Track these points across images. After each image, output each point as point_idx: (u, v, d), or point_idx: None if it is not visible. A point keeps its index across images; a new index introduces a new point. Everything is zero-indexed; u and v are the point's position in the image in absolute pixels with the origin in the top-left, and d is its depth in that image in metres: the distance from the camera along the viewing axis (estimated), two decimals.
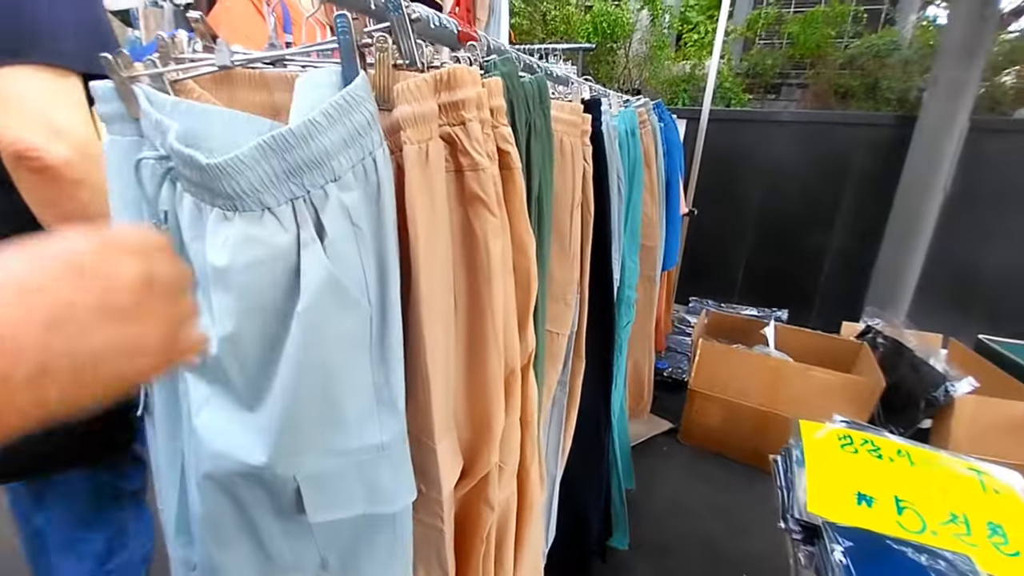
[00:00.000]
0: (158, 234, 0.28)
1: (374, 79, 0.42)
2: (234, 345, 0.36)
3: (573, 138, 0.80)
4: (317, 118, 0.32)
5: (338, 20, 0.38)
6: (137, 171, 0.40)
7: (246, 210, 0.33)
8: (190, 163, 0.33)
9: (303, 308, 0.34)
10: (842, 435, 1.21)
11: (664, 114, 1.71)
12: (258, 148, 0.32)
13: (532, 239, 0.56)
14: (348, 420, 0.38)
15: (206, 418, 0.38)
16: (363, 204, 0.35)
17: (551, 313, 0.88)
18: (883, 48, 2.73)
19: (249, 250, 0.33)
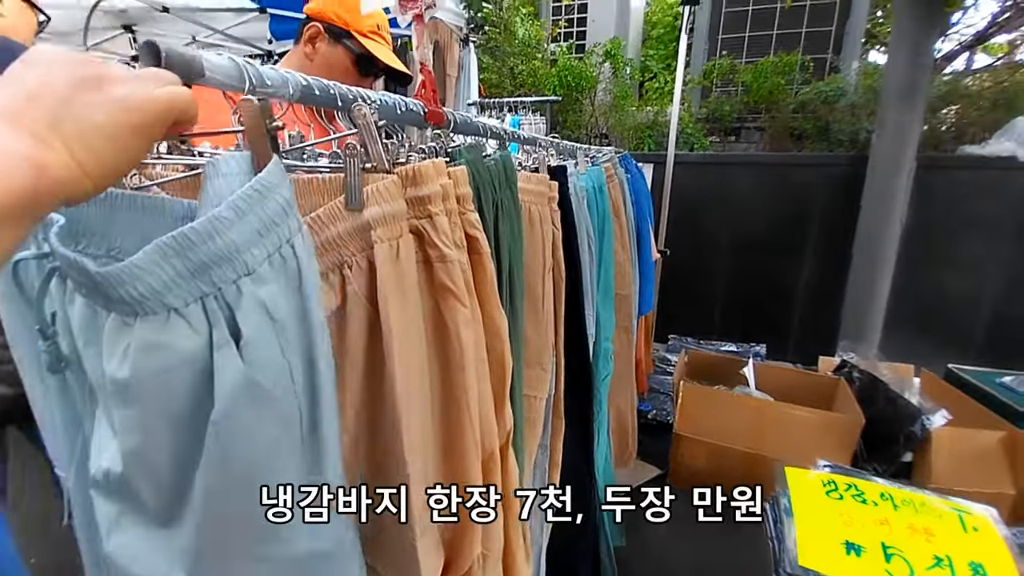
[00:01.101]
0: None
1: (344, 181, 0.43)
2: (141, 460, 0.33)
3: (541, 207, 0.82)
4: (223, 213, 0.30)
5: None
6: (15, 274, 0.37)
7: (148, 314, 0.30)
8: (76, 268, 0.30)
9: (217, 416, 0.31)
10: (826, 480, 1.21)
11: (630, 165, 1.78)
12: (157, 250, 0.29)
13: (504, 321, 0.57)
14: (278, 529, 0.36)
15: (118, 542, 0.35)
16: (283, 295, 0.33)
17: (528, 379, 0.87)
18: (830, 94, 2.91)
19: (154, 359, 0.30)
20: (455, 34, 3.14)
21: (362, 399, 0.45)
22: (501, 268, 0.65)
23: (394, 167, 0.47)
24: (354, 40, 1.11)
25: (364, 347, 0.44)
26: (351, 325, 0.44)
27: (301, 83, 0.48)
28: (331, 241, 0.43)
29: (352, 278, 0.43)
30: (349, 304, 0.44)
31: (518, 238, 0.72)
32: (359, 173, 0.42)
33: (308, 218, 0.44)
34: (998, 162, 2.44)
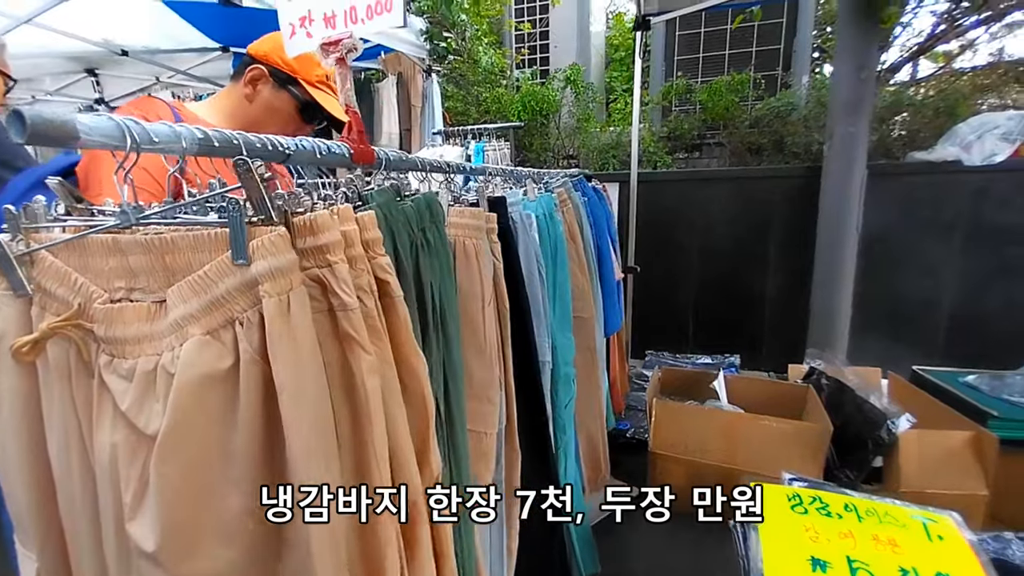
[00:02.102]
0: None
1: (229, 236, 0.42)
2: None
3: (477, 240, 0.82)
4: None
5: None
6: None
7: None
8: None
9: None
10: (791, 495, 1.20)
11: (587, 189, 1.80)
12: None
13: (422, 363, 0.56)
14: None
15: None
16: None
17: (476, 414, 0.86)
18: (782, 109, 3.02)
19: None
20: (417, 66, 3.20)
21: (262, 459, 0.44)
22: (425, 307, 0.64)
23: (293, 216, 0.46)
24: (300, 88, 1.10)
25: (260, 406, 0.43)
26: (245, 384, 0.42)
27: (197, 136, 0.48)
28: (220, 298, 0.42)
29: (243, 335, 0.42)
30: (242, 363, 0.42)
31: (447, 275, 0.71)
32: (243, 227, 0.41)
33: (196, 275, 0.43)
34: (945, 166, 2.53)
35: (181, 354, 0.42)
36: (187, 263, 0.43)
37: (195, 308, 0.42)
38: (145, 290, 0.45)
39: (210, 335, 0.43)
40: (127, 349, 0.44)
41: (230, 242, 0.41)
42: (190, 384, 0.41)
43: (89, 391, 0.46)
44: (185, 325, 0.43)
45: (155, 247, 0.43)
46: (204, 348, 0.42)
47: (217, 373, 0.42)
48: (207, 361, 0.42)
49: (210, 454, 0.43)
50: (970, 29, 3.50)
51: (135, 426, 0.44)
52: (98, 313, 0.43)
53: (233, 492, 0.44)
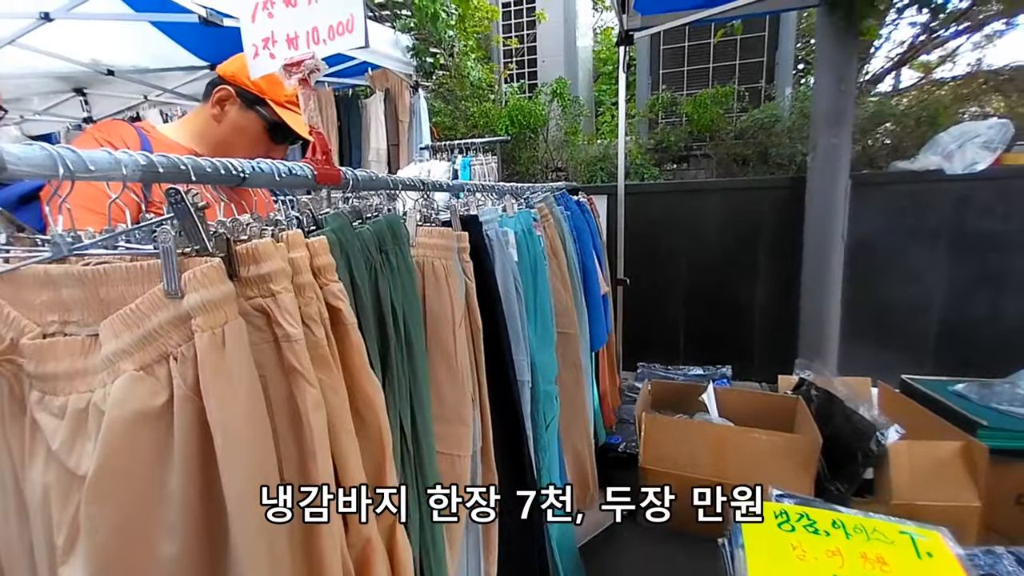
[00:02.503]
0: None
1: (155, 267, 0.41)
2: None
3: (445, 260, 0.81)
4: None
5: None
6: None
7: None
8: None
9: None
10: (778, 512, 1.18)
11: (570, 203, 1.80)
12: None
13: (377, 391, 0.54)
14: None
15: None
16: None
17: (449, 437, 0.84)
18: (765, 120, 3.05)
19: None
20: (404, 82, 3.21)
21: (200, 502, 0.42)
22: (387, 331, 0.63)
23: (236, 244, 0.45)
24: (268, 108, 1.10)
25: (196, 446, 0.41)
26: (180, 421, 0.41)
27: (140, 163, 0.46)
28: (153, 332, 0.41)
29: (177, 371, 0.41)
30: (176, 399, 0.41)
31: (412, 297, 0.70)
32: (175, 258, 0.40)
33: (129, 308, 0.41)
34: (927, 175, 2.55)
35: (112, 390, 0.40)
36: (121, 296, 0.42)
37: (127, 343, 0.41)
38: (79, 324, 0.43)
39: (143, 371, 0.41)
40: (59, 386, 0.42)
41: (162, 274, 0.40)
42: (121, 422, 0.40)
43: (22, 429, 0.44)
44: (117, 360, 0.41)
45: (88, 279, 0.42)
46: (136, 384, 0.40)
47: (150, 410, 0.40)
48: (139, 398, 0.40)
49: (143, 496, 0.41)
50: (949, 40, 3.57)
51: (67, 467, 0.42)
52: (28, 348, 0.42)
53: (168, 537, 0.42)
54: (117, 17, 2.63)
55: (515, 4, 4.50)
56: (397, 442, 0.65)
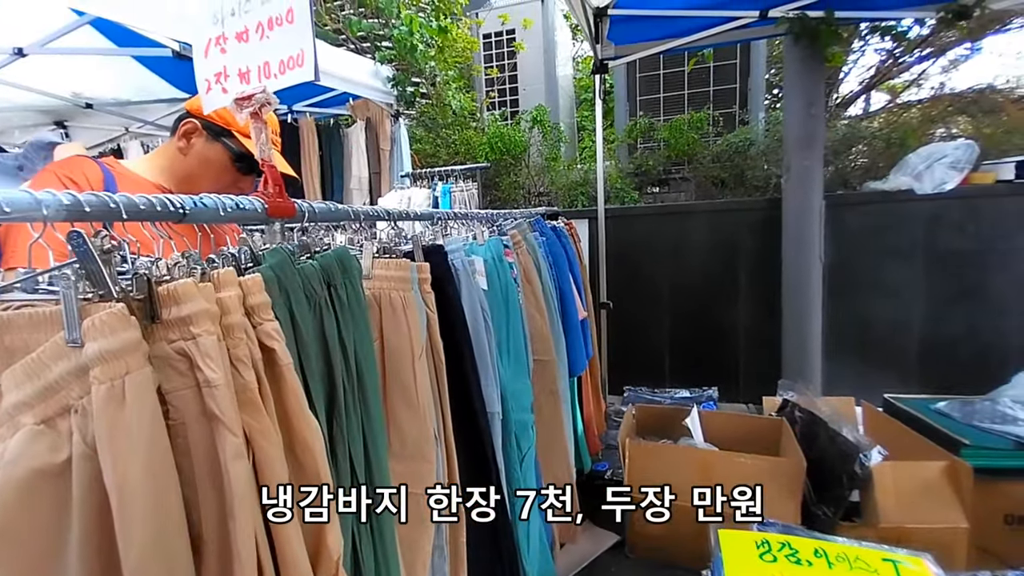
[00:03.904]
0: None
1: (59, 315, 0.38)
2: None
3: (404, 292, 0.79)
4: None
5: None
6: None
7: None
8: None
9: None
10: (759, 541, 1.15)
11: (545, 228, 1.80)
12: None
13: (315, 433, 0.51)
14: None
15: None
16: None
17: (409, 475, 0.80)
18: (740, 144, 3.11)
19: None
20: (385, 111, 3.25)
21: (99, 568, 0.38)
22: (333, 369, 0.60)
23: (156, 286, 0.43)
24: (234, 139, 1.09)
25: (95, 508, 0.38)
26: (78, 480, 0.38)
27: (63, 202, 0.44)
28: (54, 383, 0.38)
29: (76, 425, 0.38)
30: (74, 457, 0.38)
31: (364, 331, 0.68)
32: (76, 304, 0.37)
33: (30, 357, 0.39)
34: (899, 195, 2.60)
35: (9, 445, 0.37)
36: (24, 344, 0.39)
37: (28, 394, 0.38)
38: None
39: (44, 424, 0.38)
40: None
41: (62, 321, 0.37)
42: (16, 480, 0.37)
43: None
44: (17, 414, 0.38)
45: None
46: (35, 440, 0.38)
47: (49, 468, 0.38)
48: (37, 454, 0.37)
49: (40, 561, 0.38)
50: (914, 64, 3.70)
51: None
52: None
53: None
54: (94, 52, 2.64)
55: (495, 35, 4.60)
56: (347, 483, 0.62)
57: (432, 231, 1.23)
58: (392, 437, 0.80)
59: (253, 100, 0.73)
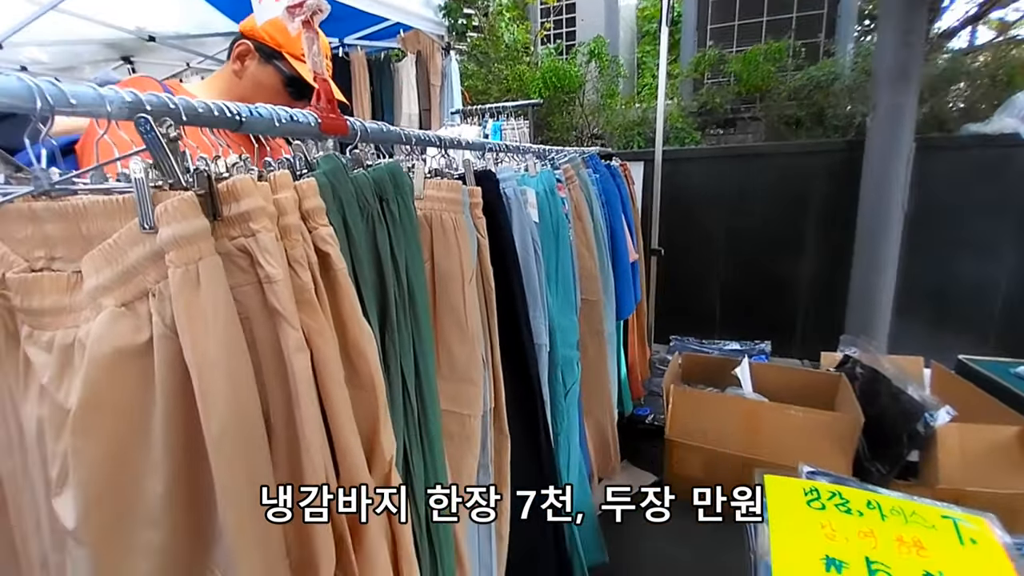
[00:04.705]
0: None
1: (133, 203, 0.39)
2: None
3: (455, 214, 0.78)
4: None
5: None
6: None
7: None
8: None
9: None
10: (808, 489, 1.12)
11: (599, 165, 1.72)
12: None
13: (370, 340, 0.52)
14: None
15: None
16: None
17: (458, 396, 0.83)
18: (823, 79, 2.81)
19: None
20: (436, 44, 3.14)
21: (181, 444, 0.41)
22: (385, 283, 0.60)
23: (216, 182, 0.43)
24: (285, 62, 1.09)
25: (176, 386, 0.40)
26: (160, 360, 0.40)
27: (126, 99, 0.45)
28: (132, 268, 0.40)
29: (155, 308, 0.40)
30: (155, 337, 0.40)
31: (416, 250, 0.67)
32: (148, 191, 0.38)
33: (108, 242, 0.40)
34: (1001, 140, 2.30)
35: (93, 327, 0.40)
36: (101, 231, 0.41)
37: (108, 279, 0.40)
38: (64, 260, 0.43)
39: (125, 307, 0.40)
40: (45, 321, 0.42)
41: (136, 208, 0.38)
42: (101, 358, 0.39)
43: (17, 363, 0.44)
44: (99, 296, 0.41)
45: (69, 215, 0.41)
46: (117, 321, 0.40)
47: (131, 348, 0.40)
48: (120, 334, 0.40)
49: (128, 433, 0.41)
50: None
51: (57, 401, 0.42)
52: (13, 282, 0.42)
53: (154, 475, 0.42)
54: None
55: None
56: (399, 398, 0.64)
57: (483, 163, 1.20)
58: (441, 359, 0.81)
59: (304, 7, 0.70)
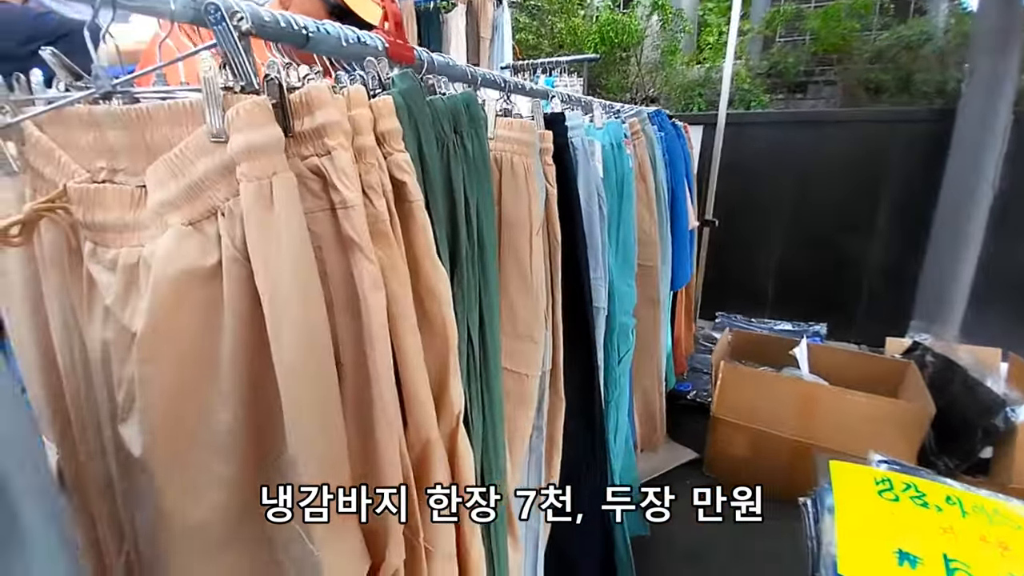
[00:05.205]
0: None
1: (200, 106, 0.35)
2: None
3: (526, 158, 0.71)
4: None
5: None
6: None
7: None
8: None
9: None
10: (880, 478, 1.04)
11: (664, 123, 1.60)
12: None
13: (444, 280, 0.48)
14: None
15: None
16: None
17: (517, 353, 0.78)
18: (914, 39, 2.53)
19: None
20: None
21: (250, 374, 0.38)
22: (457, 224, 0.55)
23: (288, 92, 0.38)
24: None
25: (246, 312, 0.37)
26: (228, 285, 0.36)
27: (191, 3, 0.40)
28: (199, 182, 0.36)
29: (224, 228, 0.36)
30: (224, 260, 0.36)
31: (487, 191, 0.62)
32: (218, 92, 0.33)
33: (173, 152, 0.36)
34: None
35: (159, 246, 0.36)
36: (166, 139, 0.37)
37: (173, 193, 0.36)
38: (128, 172, 0.39)
39: (192, 226, 0.37)
40: (108, 237, 0.39)
41: (205, 112, 0.34)
42: (168, 280, 0.36)
43: (80, 282, 0.42)
44: (164, 213, 0.37)
45: (132, 121, 0.37)
46: (183, 241, 0.36)
47: (198, 271, 0.36)
48: (187, 256, 0.36)
49: (195, 361, 0.38)
50: None
51: (122, 323, 0.40)
52: (75, 193, 0.39)
53: (223, 405, 0.39)
54: None
55: None
56: (464, 350, 0.60)
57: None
58: (503, 313, 0.77)
59: None
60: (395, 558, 0.42)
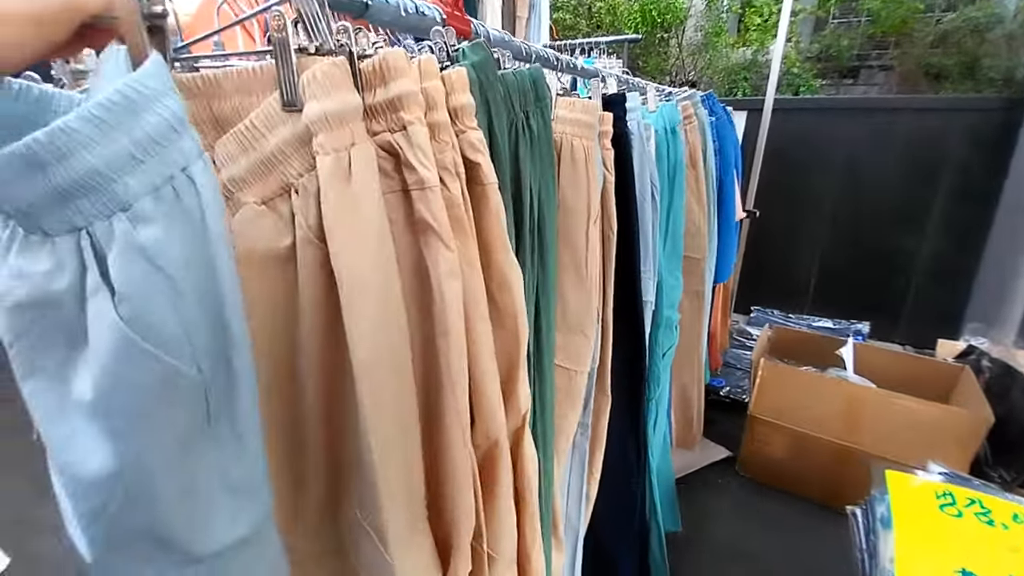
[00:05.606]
0: None
1: (270, 72, 0.32)
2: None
3: (587, 141, 0.67)
4: (72, 123, 0.21)
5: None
6: None
7: (26, 232, 0.23)
8: None
9: (95, 393, 0.23)
10: (941, 492, 0.99)
11: (716, 106, 1.53)
12: (6, 157, 0.21)
13: (516, 271, 0.44)
14: (185, 523, 0.27)
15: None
16: (175, 242, 0.24)
17: (568, 349, 0.75)
18: (983, 22, 2.35)
19: (17, 289, 0.23)
20: None
21: (319, 366, 0.36)
22: (522, 210, 0.52)
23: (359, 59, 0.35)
24: None
25: (323, 297, 0.34)
26: (302, 270, 0.34)
27: None
28: (271, 157, 0.33)
29: (299, 207, 0.33)
30: (298, 242, 0.34)
31: (550, 172, 0.58)
32: (292, 54, 0.30)
33: (242, 125, 0.34)
34: None
35: (232, 226, 0.34)
36: (235, 110, 0.34)
37: (243, 169, 0.34)
38: None
39: (265, 205, 0.34)
40: None
41: (277, 77, 0.31)
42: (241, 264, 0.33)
43: None
44: (236, 191, 0.34)
45: (198, 90, 0.35)
46: (257, 221, 0.34)
47: (273, 253, 0.34)
48: (260, 237, 0.34)
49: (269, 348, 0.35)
50: None
51: None
52: None
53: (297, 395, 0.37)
54: None
55: None
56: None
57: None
58: (555, 304, 0.73)
59: None
60: (462, 567, 0.39)
